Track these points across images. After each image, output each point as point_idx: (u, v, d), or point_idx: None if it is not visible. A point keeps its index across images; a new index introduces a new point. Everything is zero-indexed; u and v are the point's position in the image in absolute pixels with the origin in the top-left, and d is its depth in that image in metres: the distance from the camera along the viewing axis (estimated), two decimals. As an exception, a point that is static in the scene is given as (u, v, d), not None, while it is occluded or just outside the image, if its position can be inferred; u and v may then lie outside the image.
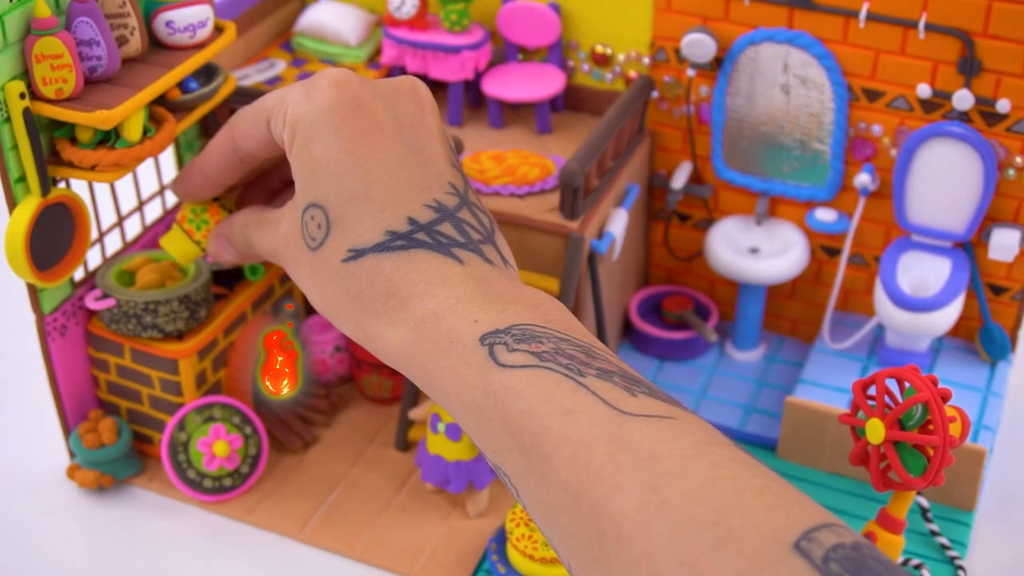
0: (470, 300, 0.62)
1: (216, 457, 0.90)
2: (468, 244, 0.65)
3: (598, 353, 0.59)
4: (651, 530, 0.50)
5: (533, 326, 0.60)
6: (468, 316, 0.61)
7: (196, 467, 0.90)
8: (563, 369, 0.56)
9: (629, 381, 0.57)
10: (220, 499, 0.91)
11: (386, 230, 0.65)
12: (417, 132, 0.69)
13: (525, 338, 0.59)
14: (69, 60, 0.77)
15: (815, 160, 0.97)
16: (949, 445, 0.71)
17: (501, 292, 0.63)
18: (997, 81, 0.87)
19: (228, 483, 0.91)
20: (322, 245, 0.66)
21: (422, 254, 0.64)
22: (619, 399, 0.55)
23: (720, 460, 0.52)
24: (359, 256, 0.65)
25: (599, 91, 1.02)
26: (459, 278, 0.63)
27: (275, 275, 0.97)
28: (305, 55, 1.05)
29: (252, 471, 0.92)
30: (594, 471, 0.52)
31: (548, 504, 0.55)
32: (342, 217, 0.66)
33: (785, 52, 0.93)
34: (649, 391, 0.57)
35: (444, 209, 0.66)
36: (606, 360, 0.59)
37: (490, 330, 0.60)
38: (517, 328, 0.59)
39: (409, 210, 0.65)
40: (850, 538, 0.49)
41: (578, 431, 0.54)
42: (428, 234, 0.65)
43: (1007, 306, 0.97)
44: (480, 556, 0.86)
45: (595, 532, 0.52)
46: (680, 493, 0.50)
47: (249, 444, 0.92)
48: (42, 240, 0.82)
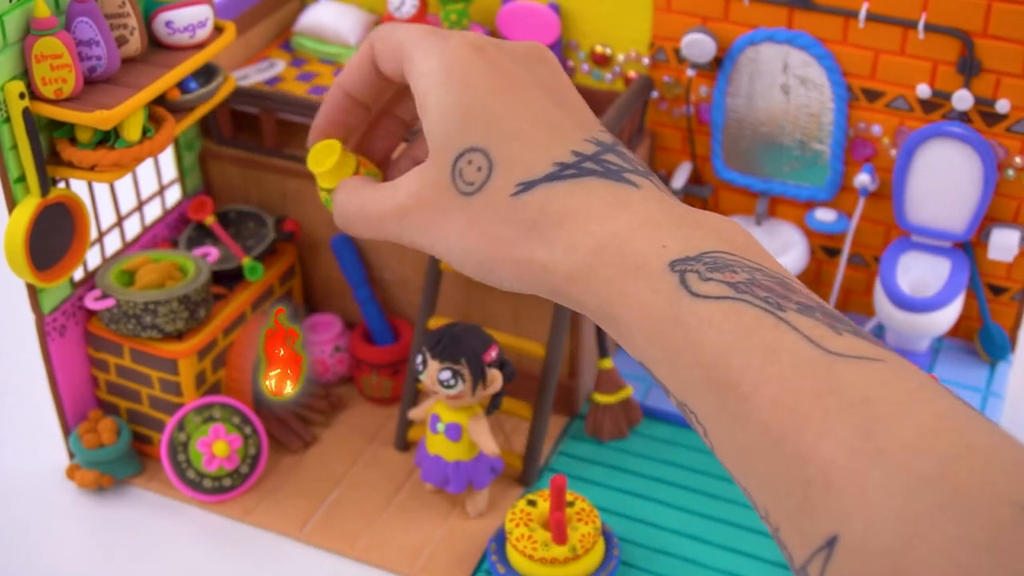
0: (656, 225, 0.57)
1: (216, 457, 0.90)
2: (638, 170, 0.62)
3: (795, 286, 0.55)
4: (866, 480, 0.46)
5: (725, 254, 0.55)
6: (655, 240, 0.56)
7: (196, 467, 0.90)
8: (761, 303, 0.52)
9: (832, 318, 0.53)
10: (220, 499, 0.91)
11: (554, 161, 0.61)
12: (557, 87, 0.66)
13: (718, 267, 0.54)
14: (69, 60, 0.77)
15: (815, 160, 0.97)
16: (949, 445, 0.71)
17: (684, 216, 0.58)
18: (997, 81, 0.87)
19: (228, 483, 0.91)
20: (484, 186, 0.63)
21: (595, 181, 0.60)
22: (824, 337, 0.51)
23: (943, 410, 0.47)
24: (530, 187, 0.61)
25: (599, 91, 1.02)
26: (639, 202, 0.58)
27: (274, 275, 0.97)
28: (305, 55, 1.05)
29: (252, 471, 0.92)
30: (800, 414, 0.48)
31: (744, 446, 0.51)
32: (506, 155, 0.62)
33: (785, 52, 0.93)
34: (854, 330, 0.52)
35: (603, 144, 0.63)
36: (805, 295, 0.55)
37: (679, 257, 0.55)
38: (708, 256, 0.55)
39: (572, 145, 0.62)
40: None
41: (781, 370, 0.50)
42: (596, 163, 0.61)
43: (1007, 306, 0.97)
44: (480, 556, 0.86)
45: (800, 479, 0.48)
46: (898, 442, 0.46)
47: (249, 444, 0.92)
48: (41, 240, 0.82)
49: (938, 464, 0.45)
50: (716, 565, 0.86)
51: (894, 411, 0.47)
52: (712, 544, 0.87)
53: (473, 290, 0.96)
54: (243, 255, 0.95)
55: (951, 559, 0.43)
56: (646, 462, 0.94)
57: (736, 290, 0.52)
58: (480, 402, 0.87)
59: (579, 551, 0.81)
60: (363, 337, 1.00)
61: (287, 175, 0.98)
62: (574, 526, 0.82)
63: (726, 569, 0.85)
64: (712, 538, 0.88)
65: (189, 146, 0.99)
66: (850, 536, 0.46)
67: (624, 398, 0.96)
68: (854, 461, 0.46)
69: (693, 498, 0.91)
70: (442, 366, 0.83)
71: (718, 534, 0.88)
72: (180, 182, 0.99)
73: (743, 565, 0.86)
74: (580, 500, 0.84)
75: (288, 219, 0.98)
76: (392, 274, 0.99)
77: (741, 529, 0.88)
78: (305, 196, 0.98)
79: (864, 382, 0.48)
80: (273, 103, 0.95)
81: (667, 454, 0.95)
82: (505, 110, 0.63)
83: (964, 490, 0.44)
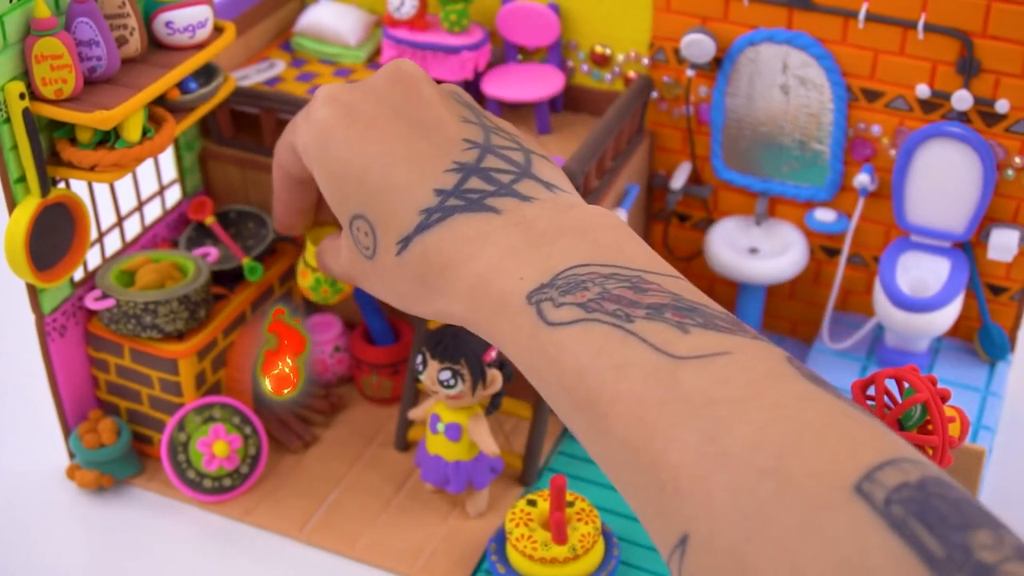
0: (514, 253, 0.60)
1: (216, 457, 0.90)
2: (500, 190, 0.64)
3: (649, 282, 0.57)
4: (710, 480, 0.48)
5: (578, 268, 0.58)
6: (514, 274, 0.60)
7: (196, 467, 0.91)
8: (610, 318, 0.55)
9: (682, 313, 0.54)
10: (220, 499, 0.91)
11: (419, 209, 0.65)
12: (414, 108, 0.69)
13: (570, 287, 0.57)
14: (69, 60, 0.77)
15: (814, 160, 0.97)
16: (948, 445, 0.71)
17: (545, 230, 0.61)
18: (996, 81, 0.88)
19: (228, 483, 0.91)
20: (376, 249, 0.67)
21: (460, 218, 0.63)
22: (670, 341, 0.53)
23: (780, 398, 0.50)
24: (407, 244, 0.65)
25: (598, 91, 1.02)
26: (499, 231, 0.62)
27: (274, 275, 0.97)
28: (304, 55, 1.05)
29: (252, 471, 0.92)
30: (650, 424, 0.51)
31: (610, 460, 0.54)
32: (380, 215, 0.66)
33: (784, 52, 0.93)
34: (704, 322, 0.55)
35: (466, 167, 0.65)
36: (658, 290, 0.56)
37: (535, 286, 0.58)
38: (562, 277, 0.58)
39: (433, 183, 0.65)
40: (917, 474, 0.46)
41: (630, 384, 0.52)
42: (458, 196, 0.64)
43: (1006, 306, 0.97)
44: (480, 556, 0.86)
45: (655, 486, 0.51)
46: (739, 439, 0.48)
47: (249, 444, 0.92)
48: (42, 240, 0.82)
49: (774, 456, 0.47)
50: (716, 565, 0.86)
51: (734, 408, 0.49)
52: (712, 544, 0.87)
53: (473, 290, 0.96)
54: (243, 255, 0.95)
55: (786, 548, 0.45)
56: (646, 462, 0.94)
57: (587, 310, 0.55)
58: (480, 402, 0.87)
59: (579, 551, 0.81)
60: (363, 337, 1.00)
61: (287, 175, 0.98)
62: (574, 526, 0.82)
63: (726, 569, 0.85)
64: (712, 538, 0.88)
65: (189, 146, 0.99)
66: (698, 535, 0.48)
67: (624, 398, 0.96)
68: (700, 463, 0.49)
69: (693, 498, 0.91)
70: (442, 366, 0.83)
71: (718, 534, 0.88)
72: (180, 182, 0.99)
73: (743, 565, 0.86)
74: (580, 500, 0.84)
75: (288, 219, 0.98)
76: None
77: (741, 529, 0.88)
78: (305, 196, 0.98)
79: (707, 382, 0.51)
80: (273, 103, 0.95)
81: (667, 454, 0.95)
82: (369, 164, 0.67)
83: (796, 478, 0.46)
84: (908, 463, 0.47)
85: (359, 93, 0.70)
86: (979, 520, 0.44)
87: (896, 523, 0.44)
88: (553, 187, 0.66)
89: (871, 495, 0.45)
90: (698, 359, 0.52)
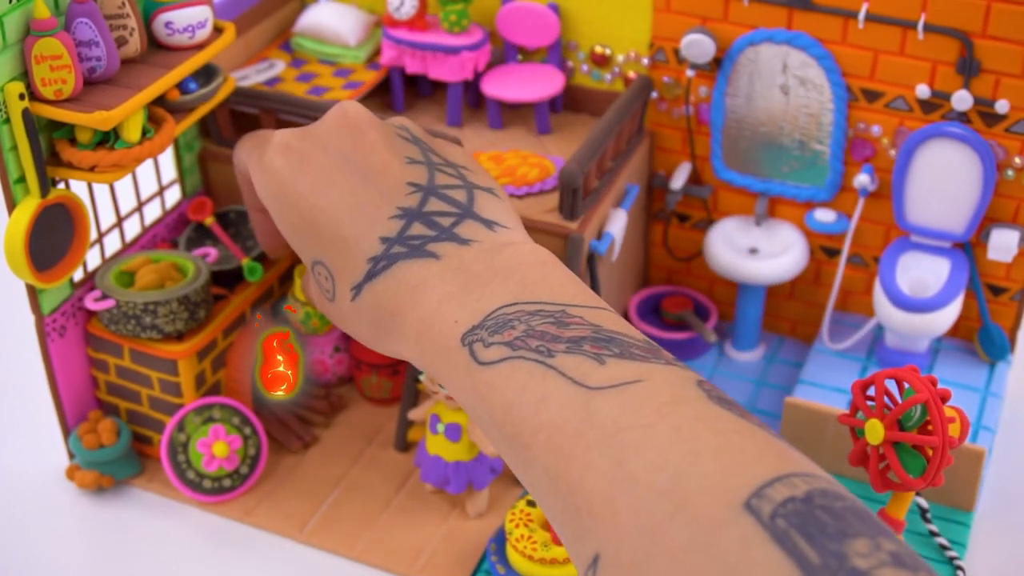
0: (450, 299, 0.65)
1: (215, 458, 0.90)
2: (440, 234, 0.69)
3: (571, 316, 0.62)
4: (617, 504, 0.52)
5: (506, 307, 0.63)
6: (449, 318, 0.64)
7: (196, 468, 0.91)
8: (533, 354, 0.59)
9: (600, 344, 0.59)
10: (220, 500, 0.91)
11: (367, 259, 0.69)
12: (360, 153, 0.73)
13: (499, 327, 0.62)
14: (68, 61, 0.77)
15: (814, 160, 0.97)
16: (948, 446, 0.71)
17: (479, 274, 0.66)
18: (996, 82, 0.88)
19: (228, 484, 0.91)
20: (335, 293, 0.72)
21: (403, 265, 0.68)
22: (587, 373, 0.57)
23: (681, 421, 0.54)
24: (359, 291, 0.70)
25: (598, 92, 1.02)
26: (437, 277, 0.67)
27: (274, 276, 0.97)
28: (304, 56, 1.05)
29: (251, 472, 0.92)
30: (567, 453, 0.55)
31: (536, 488, 0.58)
32: (336, 263, 0.71)
33: (784, 53, 0.93)
34: (620, 351, 0.59)
35: (409, 212, 0.70)
36: (579, 322, 0.61)
37: (467, 328, 0.63)
38: (491, 318, 0.63)
39: (378, 231, 0.70)
40: (803, 489, 0.50)
41: (550, 416, 0.57)
42: (402, 243, 0.69)
43: (1006, 306, 0.97)
44: (479, 557, 0.86)
45: (572, 510, 0.54)
46: (643, 463, 0.52)
47: (248, 445, 0.92)
48: (41, 241, 0.82)
49: (672, 477, 0.51)
50: (716, 565, 0.86)
51: (641, 434, 0.53)
52: (712, 544, 0.87)
53: (473, 290, 0.96)
54: (243, 256, 0.95)
55: (679, 562, 0.49)
56: (646, 462, 0.94)
57: (512, 348, 0.60)
58: (480, 402, 0.87)
59: (579, 551, 0.81)
60: (363, 337, 1.00)
61: (287, 176, 0.98)
62: (574, 526, 0.82)
63: (726, 569, 0.86)
64: (712, 538, 0.88)
65: (189, 147, 0.99)
66: (607, 553, 0.52)
67: (624, 398, 0.96)
68: (610, 488, 0.53)
69: (693, 498, 0.91)
70: (442, 367, 0.83)
71: (718, 534, 0.88)
72: (180, 183, 0.99)
73: (743, 565, 0.86)
74: (580, 500, 0.84)
75: (288, 220, 0.98)
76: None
77: (741, 529, 0.88)
78: (305, 197, 0.98)
79: (618, 411, 0.55)
80: (273, 104, 0.95)
81: (667, 454, 0.95)
82: (319, 216, 0.72)
83: (691, 497, 0.50)
84: (798, 478, 0.50)
85: (310, 141, 0.74)
86: (858, 529, 0.48)
87: (779, 536, 0.47)
88: (493, 224, 0.70)
89: (759, 510, 0.48)
90: (611, 388, 0.56)
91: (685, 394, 0.56)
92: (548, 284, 0.64)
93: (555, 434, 0.56)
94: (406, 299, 0.67)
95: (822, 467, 0.92)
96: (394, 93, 1.03)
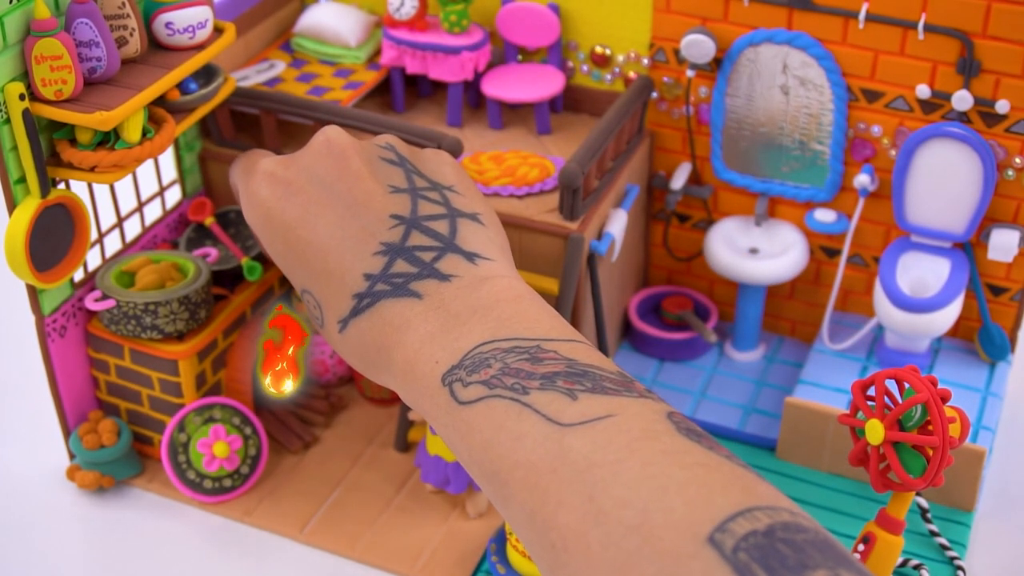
0: (431, 339, 0.66)
1: (216, 458, 0.90)
2: (423, 271, 0.70)
3: (546, 351, 0.63)
4: (589, 539, 0.54)
5: (483, 345, 0.64)
6: (431, 358, 0.66)
7: (196, 468, 0.91)
8: (509, 392, 0.61)
9: (573, 379, 0.61)
10: (220, 500, 0.91)
11: (352, 295, 0.70)
12: (344, 183, 0.74)
13: (476, 366, 0.63)
14: (69, 61, 0.77)
15: (814, 161, 0.97)
16: (948, 446, 0.71)
17: (459, 312, 0.67)
18: (996, 82, 0.88)
19: (228, 484, 0.91)
20: (323, 322, 0.73)
21: (386, 304, 0.69)
22: (560, 410, 0.59)
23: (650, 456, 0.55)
24: (345, 325, 0.71)
25: (598, 92, 1.02)
26: (419, 318, 0.68)
27: (274, 275, 0.97)
28: (305, 56, 1.05)
29: (252, 472, 0.92)
30: (541, 489, 0.57)
31: (516, 523, 0.60)
32: (323, 295, 0.72)
33: (784, 53, 0.93)
34: (592, 386, 0.60)
35: (392, 247, 0.71)
36: (554, 357, 0.63)
37: (447, 368, 0.64)
38: (469, 356, 0.64)
39: (362, 267, 0.71)
40: (765, 522, 0.51)
41: (526, 454, 0.58)
42: (385, 281, 0.70)
43: (1006, 306, 0.97)
44: (480, 557, 0.87)
45: (548, 545, 0.56)
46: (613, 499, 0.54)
47: (249, 445, 0.92)
48: (42, 241, 0.82)
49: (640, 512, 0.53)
50: (716, 565, 0.86)
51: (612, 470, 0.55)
52: (712, 544, 0.87)
53: (473, 291, 0.96)
54: (242, 255, 0.95)
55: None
56: (646, 462, 0.94)
57: (489, 387, 0.62)
58: (480, 403, 0.87)
59: (579, 551, 0.81)
60: (363, 338, 1.00)
61: (287, 176, 0.98)
62: (574, 527, 0.82)
63: (726, 569, 0.86)
64: (712, 538, 0.88)
65: (189, 147, 0.99)
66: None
67: (624, 398, 0.96)
68: (582, 523, 0.55)
69: (693, 498, 0.91)
70: (442, 367, 0.83)
71: (718, 534, 0.88)
72: (180, 183, 0.99)
73: (743, 565, 0.86)
74: (580, 501, 0.84)
75: (288, 220, 0.98)
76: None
77: (741, 529, 0.88)
78: (305, 197, 0.98)
79: (590, 447, 0.57)
80: (273, 104, 0.95)
81: (667, 454, 0.95)
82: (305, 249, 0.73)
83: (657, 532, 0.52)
84: (761, 511, 0.52)
85: (294, 170, 0.75)
86: (818, 561, 0.49)
87: (740, 569, 0.49)
88: (474, 257, 0.71)
89: (722, 544, 0.50)
90: (583, 425, 0.58)
91: (655, 428, 0.57)
92: (524, 319, 0.66)
93: (530, 472, 0.58)
94: (390, 337, 0.68)
95: (822, 468, 0.93)
96: (394, 93, 1.03)
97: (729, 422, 0.97)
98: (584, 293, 0.92)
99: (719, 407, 0.99)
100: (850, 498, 0.91)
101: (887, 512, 0.77)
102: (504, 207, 0.90)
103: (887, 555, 0.78)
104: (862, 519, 0.89)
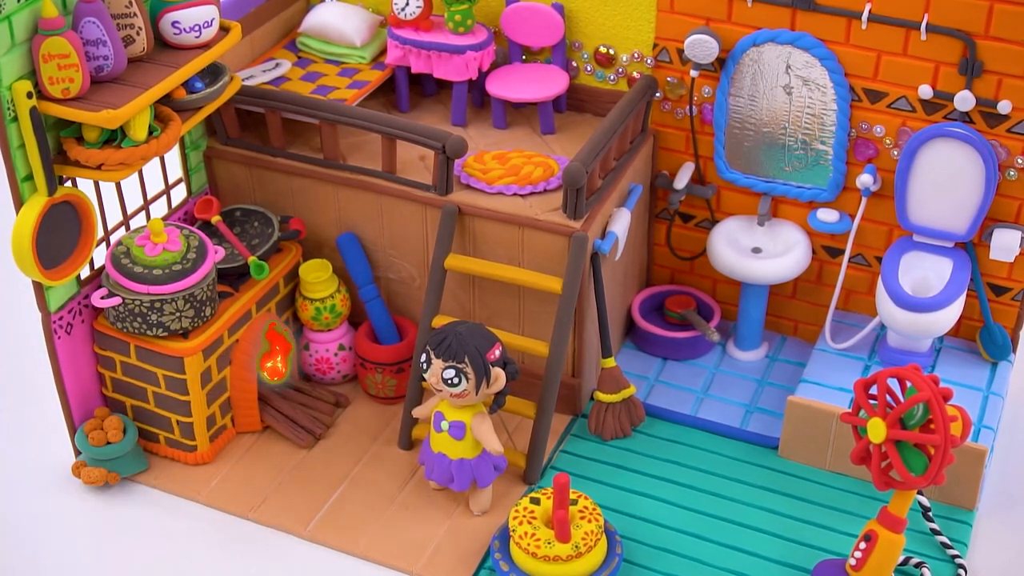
0: None
1: (156, 245, 0.87)
2: None
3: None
4: None
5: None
6: None
7: (140, 262, 0.88)
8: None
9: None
10: (178, 288, 0.88)
11: None
12: None
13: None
14: (76, 60, 0.77)
15: (817, 160, 0.97)
16: (950, 444, 0.72)
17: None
18: (998, 82, 0.88)
19: (179, 269, 0.88)
20: None
21: None
22: None
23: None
24: None
25: (602, 91, 1.02)
26: None
27: (279, 274, 0.97)
28: (310, 55, 1.05)
29: (202, 259, 0.89)
30: None
31: None
32: None
33: (787, 53, 0.93)
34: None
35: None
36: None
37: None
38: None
39: None
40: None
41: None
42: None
43: (1008, 306, 0.97)
44: (483, 553, 0.87)
45: None
46: None
47: (191, 236, 0.89)
48: (48, 238, 0.82)
49: None
50: (718, 563, 0.86)
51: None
52: (714, 542, 0.88)
53: (477, 289, 0.96)
54: (249, 254, 0.95)
55: None
56: (649, 461, 0.95)
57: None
58: (484, 400, 0.88)
59: (582, 549, 0.82)
60: (368, 336, 1.00)
61: (292, 174, 0.98)
62: (577, 524, 0.83)
63: (728, 567, 0.86)
64: (714, 536, 0.88)
65: (195, 145, 0.99)
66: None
67: (627, 397, 0.96)
68: None
69: (695, 497, 0.92)
70: (446, 365, 0.84)
71: (720, 532, 0.88)
72: (186, 181, 1.00)
73: (745, 563, 0.86)
74: (583, 498, 0.85)
75: (293, 218, 0.99)
76: (397, 273, 1.00)
77: (743, 527, 0.89)
78: (310, 195, 0.99)
79: None
80: (278, 103, 0.95)
81: (669, 453, 0.95)
82: None
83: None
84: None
85: None
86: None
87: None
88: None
89: None
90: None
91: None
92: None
93: None
94: None
95: (824, 466, 0.93)
96: (399, 92, 1.04)
97: (731, 421, 0.98)
98: (587, 292, 0.92)
99: (721, 406, 0.99)
100: (852, 496, 0.91)
101: (889, 510, 0.77)
102: (508, 206, 0.91)
103: (889, 553, 0.78)
104: (864, 517, 0.89)
